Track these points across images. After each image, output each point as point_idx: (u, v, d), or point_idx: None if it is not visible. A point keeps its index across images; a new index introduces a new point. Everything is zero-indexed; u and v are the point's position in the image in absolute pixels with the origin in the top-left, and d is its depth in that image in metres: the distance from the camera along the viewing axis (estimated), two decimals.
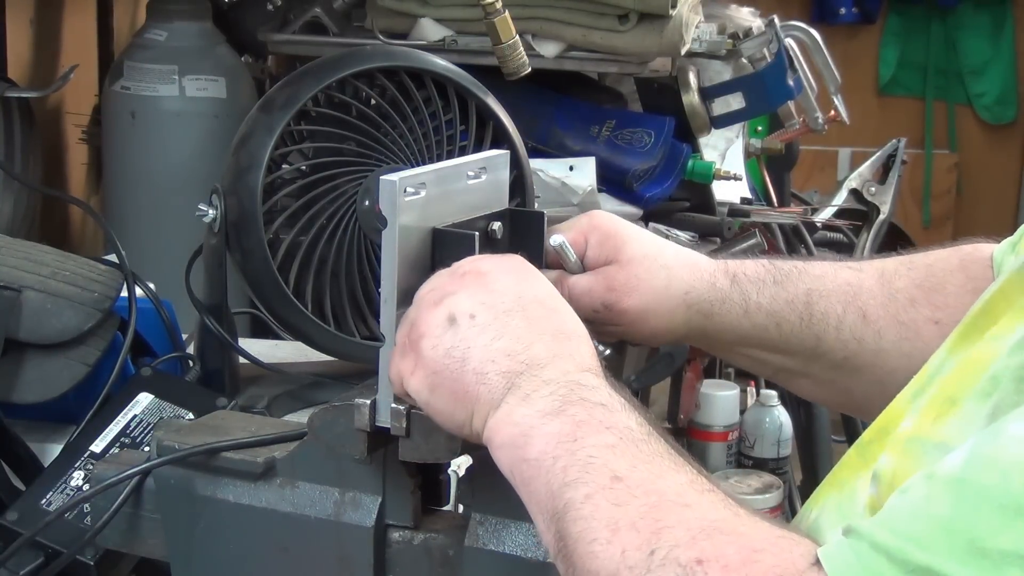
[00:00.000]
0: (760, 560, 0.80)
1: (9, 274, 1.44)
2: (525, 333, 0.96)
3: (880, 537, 0.78)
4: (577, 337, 0.98)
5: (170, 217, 2.15)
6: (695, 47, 2.29)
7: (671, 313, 1.20)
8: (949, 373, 0.95)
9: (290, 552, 1.10)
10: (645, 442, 0.89)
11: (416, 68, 1.53)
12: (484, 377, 0.94)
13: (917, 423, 0.93)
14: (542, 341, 0.96)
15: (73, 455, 1.37)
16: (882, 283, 1.23)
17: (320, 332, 1.50)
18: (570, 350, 0.96)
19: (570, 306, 1.01)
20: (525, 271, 1.01)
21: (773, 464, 2.31)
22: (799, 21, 2.69)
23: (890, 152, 2.65)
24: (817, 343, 1.23)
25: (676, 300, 1.20)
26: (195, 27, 2.29)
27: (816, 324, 1.22)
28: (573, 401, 0.92)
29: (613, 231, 1.21)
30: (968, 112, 5.47)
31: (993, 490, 0.75)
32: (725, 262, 1.24)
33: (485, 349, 0.95)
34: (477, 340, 0.95)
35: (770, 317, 1.22)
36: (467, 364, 0.95)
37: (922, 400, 0.95)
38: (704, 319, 1.21)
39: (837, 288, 1.23)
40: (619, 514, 0.85)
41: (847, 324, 1.22)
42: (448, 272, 1.01)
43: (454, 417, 0.96)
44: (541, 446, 0.90)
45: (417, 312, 0.99)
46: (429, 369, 0.97)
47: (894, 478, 0.88)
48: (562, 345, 0.96)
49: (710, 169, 2.29)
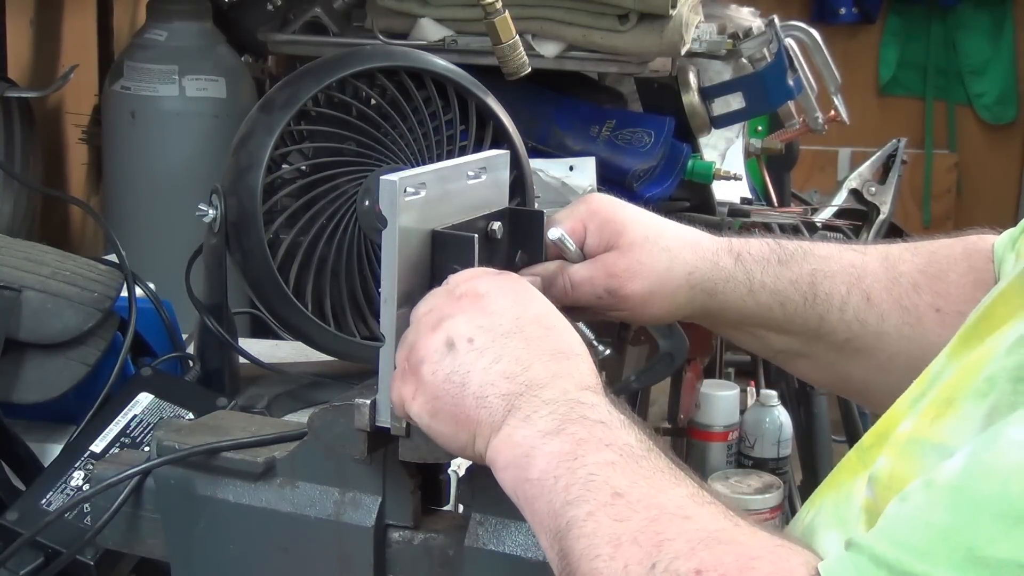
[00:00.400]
0: (757, 568, 0.81)
1: (9, 274, 1.44)
2: (524, 355, 0.96)
3: (880, 549, 0.77)
4: (576, 356, 0.98)
5: (170, 217, 2.15)
6: (695, 47, 2.29)
7: (674, 294, 1.20)
8: (949, 378, 0.95)
9: (290, 552, 1.10)
10: (645, 458, 0.89)
11: (416, 68, 1.53)
12: (484, 400, 0.95)
13: (916, 425, 0.93)
14: (541, 361, 0.96)
15: (73, 455, 1.37)
16: (886, 266, 1.23)
17: (320, 332, 1.50)
18: (569, 369, 0.96)
19: (568, 323, 1.01)
20: (522, 291, 1.01)
21: (773, 464, 2.30)
22: (799, 21, 2.69)
23: (890, 152, 2.65)
24: (820, 323, 1.22)
25: (679, 281, 1.20)
26: (195, 27, 2.29)
27: (820, 304, 1.22)
28: (573, 420, 0.92)
29: (612, 216, 1.21)
30: (968, 112, 5.48)
31: (992, 498, 0.74)
32: (729, 240, 1.24)
33: (484, 373, 0.95)
34: (476, 364, 0.95)
35: (774, 296, 1.22)
36: (467, 388, 0.95)
37: (922, 404, 0.95)
38: (707, 298, 1.21)
39: (842, 269, 1.23)
40: (621, 530, 0.85)
41: (851, 305, 1.22)
42: (445, 291, 1.01)
43: (456, 440, 0.97)
44: (542, 466, 0.91)
45: (416, 335, 0.99)
46: (430, 394, 0.97)
47: (891, 479, 0.88)
48: (561, 364, 0.96)
49: (710, 169, 2.29)
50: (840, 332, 1.22)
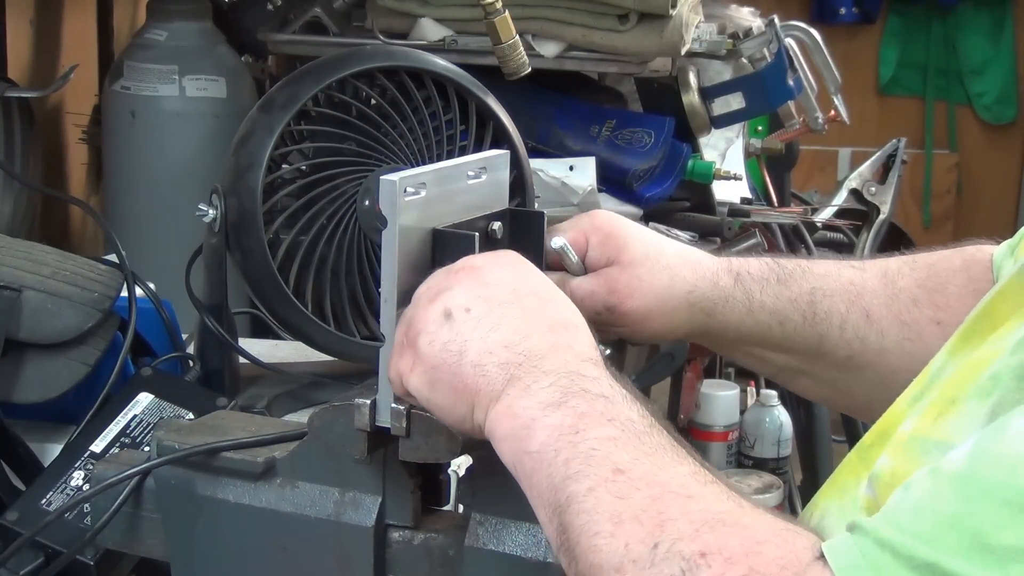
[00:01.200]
0: (763, 552, 0.80)
1: (9, 274, 1.44)
2: (521, 324, 0.95)
3: (884, 533, 0.77)
4: (574, 327, 0.98)
5: (170, 217, 2.15)
6: (695, 47, 2.29)
7: (673, 313, 1.20)
8: (950, 376, 0.95)
9: (290, 552, 1.10)
10: (647, 434, 0.89)
11: (416, 68, 1.53)
12: (483, 369, 0.94)
13: (917, 424, 0.92)
14: (538, 332, 0.95)
15: (73, 455, 1.37)
16: (885, 283, 1.23)
17: (320, 332, 1.50)
18: (568, 340, 0.96)
19: (568, 298, 1.01)
20: (519, 264, 1.01)
21: (773, 464, 2.31)
22: (799, 21, 2.70)
23: (890, 152, 2.65)
24: (820, 342, 1.23)
25: (678, 300, 1.20)
26: (195, 27, 2.29)
27: (820, 323, 1.22)
28: (574, 392, 0.91)
29: (614, 231, 1.21)
30: (968, 112, 5.48)
31: (998, 485, 0.75)
32: (728, 260, 1.24)
33: (482, 341, 0.95)
34: (474, 333, 0.95)
35: (773, 316, 1.22)
36: (465, 357, 0.95)
37: (923, 403, 0.95)
38: (707, 318, 1.21)
39: (841, 287, 1.23)
40: (622, 507, 0.85)
41: (850, 323, 1.22)
42: (444, 270, 1.01)
43: (455, 411, 0.96)
44: (543, 438, 0.90)
45: (414, 311, 0.99)
46: (427, 365, 0.96)
47: (893, 478, 0.88)
48: (559, 336, 0.96)
49: (710, 169, 2.29)
50: (841, 350, 1.23)
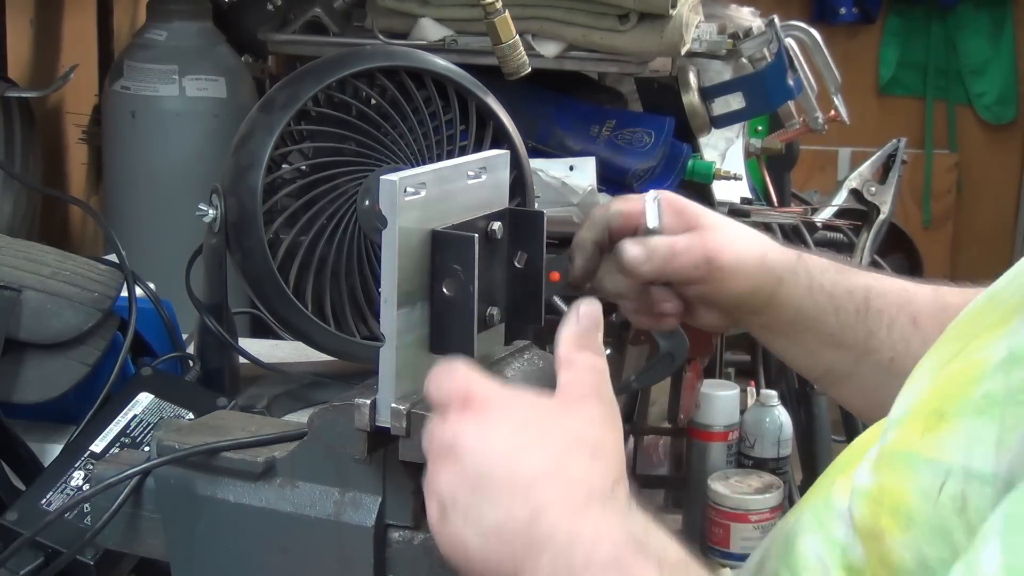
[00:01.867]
0: None
1: (9, 274, 1.44)
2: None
3: None
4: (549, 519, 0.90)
5: (170, 217, 2.15)
6: (695, 47, 2.29)
7: (755, 273, 1.23)
8: (930, 388, 0.93)
9: (290, 552, 1.10)
10: None
11: (416, 68, 1.53)
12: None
13: (902, 436, 0.91)
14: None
15: (73, 455, 1.37)
16: (935, 296, 1.25)
17: (320, 332, 1.50)
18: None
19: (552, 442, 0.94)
20: (502, 433, 0.94)
21: (773, 464, 2.30)
22: (799, 21, 2.69)
23: (890, 152, 2.64)
24: (868, 338, 1.24)
25: (757, 261, 1.23)
26: (195, 27, 2.29)
27: (871, 319, 1.23)
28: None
29: (685, 207, 1.25)
30: (968, 112, 5.47)
31: None
32: (786, 242, 1.27)
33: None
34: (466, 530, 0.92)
35: (831, 300, 1.24)
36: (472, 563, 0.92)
37: (903, 413, 0.93)
38: (776, 285, 1.23)
39: (893, 290, 1.25)
40: None
41: (898, 325, 1.23)
42: (437, 437, 0.96)
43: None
44: None
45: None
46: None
47: (881, 494, 0.87)
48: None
49: (710, 169, 2.28)
50: (886, 350, 1.23)
